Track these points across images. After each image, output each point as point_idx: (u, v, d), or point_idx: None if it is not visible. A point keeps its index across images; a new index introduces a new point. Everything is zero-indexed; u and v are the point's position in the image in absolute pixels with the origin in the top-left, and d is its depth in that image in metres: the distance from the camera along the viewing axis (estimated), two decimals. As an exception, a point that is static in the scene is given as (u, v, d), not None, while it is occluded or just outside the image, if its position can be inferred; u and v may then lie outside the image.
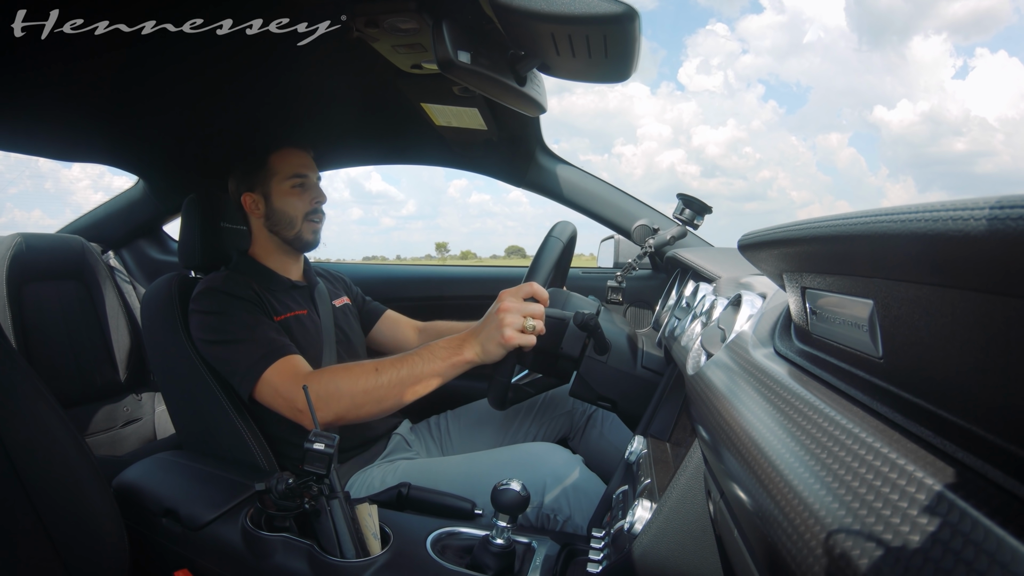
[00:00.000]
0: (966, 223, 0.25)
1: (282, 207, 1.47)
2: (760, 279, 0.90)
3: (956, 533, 0.25)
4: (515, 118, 1.62)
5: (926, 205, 0.29)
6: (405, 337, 1.79)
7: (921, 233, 0.29)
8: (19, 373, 0.96)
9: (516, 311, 1.17)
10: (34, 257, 2.04)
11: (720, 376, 0.66)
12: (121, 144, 1.77)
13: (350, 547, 0.95)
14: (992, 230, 0.24)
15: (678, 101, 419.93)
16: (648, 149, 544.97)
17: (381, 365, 1.23)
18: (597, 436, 1.62)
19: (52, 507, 0.93)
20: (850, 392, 0.43)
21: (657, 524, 0.80)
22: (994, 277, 0.26)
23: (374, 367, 1.22)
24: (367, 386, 1.20)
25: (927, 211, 0.29)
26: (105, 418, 2.15)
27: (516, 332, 1.16)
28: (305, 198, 1.48)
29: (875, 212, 0.34)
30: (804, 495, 0.36)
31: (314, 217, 1.50)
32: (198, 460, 1.30)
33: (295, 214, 1.48)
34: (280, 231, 1.49)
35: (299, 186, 1.48)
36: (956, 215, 0.26)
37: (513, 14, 0.81)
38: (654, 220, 1.97)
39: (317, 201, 1.50)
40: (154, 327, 1.42)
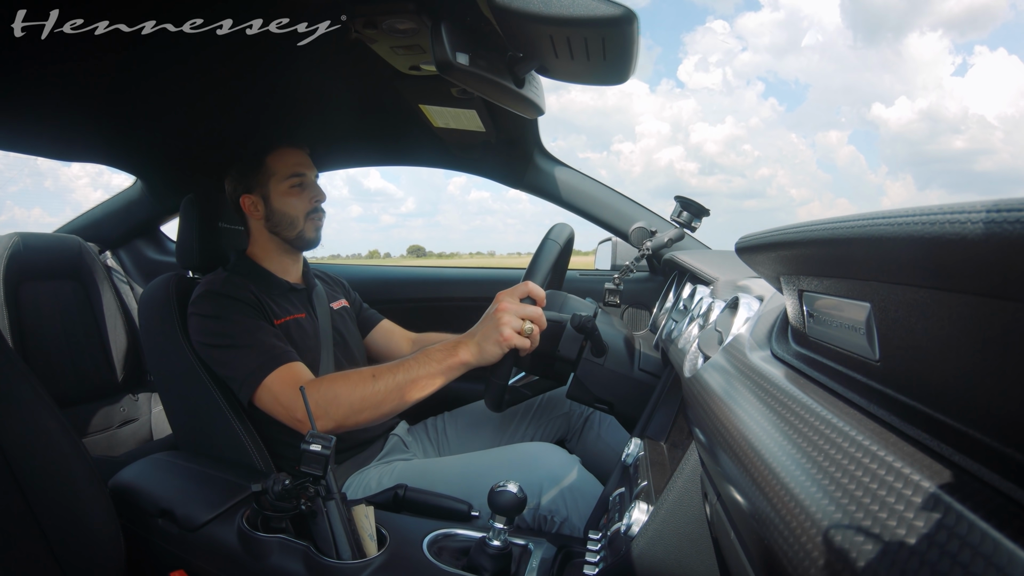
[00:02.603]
0: (963, 226, 0.25)
1: (282, 208, 1.47)
2: (757, 282, 0.90)
3: (952, 536, 0.25)
4: (513, 120, 1.62)
5: (923, 208, 0.29)
6: (398, 347, 1.79)
7: (918, 236, 0.29)
8: (16, 373, 0.96)
9: (514, 312, 1.17)
10: (31, 257, 2.04)
11: (717, 379, 0.66)
12: (119, 144, 1.77)
13: (346, 548, 0.95)
14: (989, 233, 0.24)
15: (677, 98, 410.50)
16: (647, 146, 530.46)
17: (378, 371, 1.23)
18: (594, 438, 1.62)
19: (48, 507, 0.93)
20: (847, 395, 0.43)
21: (654, 526, 0.80)
22: (991, 280, 0.26)
23: (371, 373, 1.22)
24: (365, 392, 1.20)
25: (924, 214, 0.29)
26: (102, 418, 2.14)
27: (514, 332, 1.16)
28: (304, 197, 1.48)
29: (872, 215, 0.34)
30: (800, 498, 0.36)
31: (315, 215, 1.50)
32: (194, 461, 1.29)
33: (296, 214, 1.47)
34: (281, 232, 1.49)
35: (298, 186, 1.47)
36: (953, 218, 0.26)
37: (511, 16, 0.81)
38: (652, 223, 1.97)
39: (317, 199, 1.50)
40: (152, 328, 1.42)
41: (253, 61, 1.18)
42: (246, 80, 1.32)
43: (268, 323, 1.37)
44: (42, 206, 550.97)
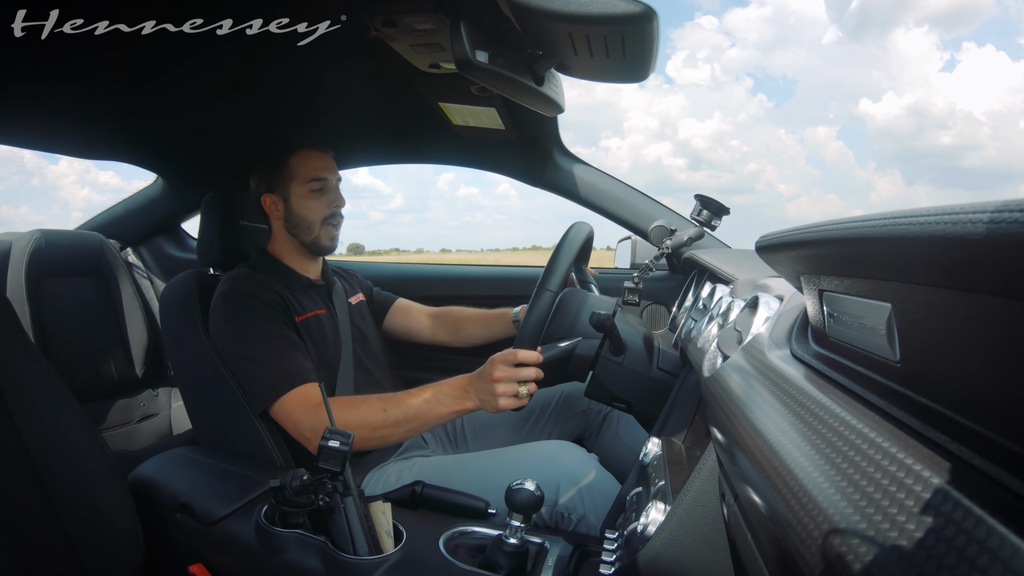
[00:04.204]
0: (985, 226, 0.25)
1: (300, 211, 1.48)
2: (777, 281, 0.89)
3: (972, 541, 0.25)
4: (533, 118, 1.61)
5: (945, 207, 0.29)
6: (417, 325, 1.81)
7: (939, 236, 0.28)
8: (37, 368, 0.98)
9: (508, 379, 1.22)
10: (53, 253, 2.08)
11: (736, 378, 0.65)
12: (140, 142, 1.79)
13: (363, 544, 0.96)
14: (1012, 233, 0.24)
15: (666, 94, 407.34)
16: (635, 142, 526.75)
17: (389, 404, 1.27)
18: (612, 436, 1.62)
19: (67, 501, 0.95)
20: (866, 396, 0.43)
21: (670, 527, 0.79)
22: (1012, 281, 0.25)
23: (382, 406, 1.27)
24: (375, 423, 1.26)
25: (945, 213, 0.28)
26: (121, 413, 2.18)
27: (509, 400, 1.22)
28: (323, 202, 1.49)
29: (893, 214, 0.34)
30: (818, 499, 0.36)
31: (332, 221, 1.51)
32: (213, 456, 1.31)
33: (313, 219, 1.48)
34: (298, 234, 1.50)
35: (318, 190, 1.48)
36: (975, 217, 0.26)
37: (531, 14, 0.81)
38: (671, 221, 1.96)
39: (336, 205, 1.51)
40: (173, 324, 1.44)
41: (272, 59, 1.18)
42: (266, 78, 1.33)
43: (290, 323, 1.39)
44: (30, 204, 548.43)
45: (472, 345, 1.81)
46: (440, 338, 1.82)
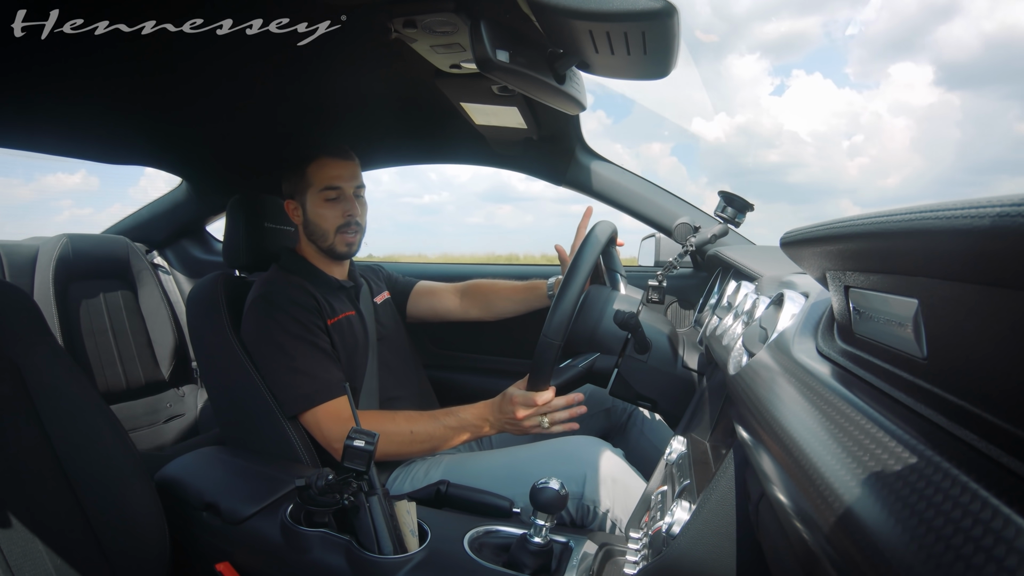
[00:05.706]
0: (1013, 219, 0.24)
1: (315, 219, 1.49)
2: (803, 278, 0.88)
3: (999, 541, 0.25)
4: (554, 116, 1.61)
5: (972, 201, 0.28)
6: (446, 305, 1.81)
7: (966, 229, 0.28)
8: (65, 370, 1.00)
9: (530, 416, 1.31)
10: (80, 257, 2.13)
11: (761, 376, 0.65)
12: (164, 147, 1.82)
13: (388, 543, 0.96)
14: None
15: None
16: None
17: (416, 423, 1.34)
18: (637, 435, 1.61)
19: (95, 500, 0.97)
20: (893, 393, 0.42)
21: (695, 526, 0.78)
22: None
23: (409, 428, 1.34)
24: (401, 439, 1.33)
25: (972, 207, 0.28)
26: (148, 413, 2.23)
27: (534, 428, 1.33)
28: (337, 211, 1.48)
29: (920, 208, 0.33)
30: (845, 498, 0.35)
31: (347, 230, 1.50)
32: (239, 455, 1.32)
33: (327, 227, 1.49)
34: (315, 240, 1.51)
35: (333, 199, 1.48)
36: (1003, 211, 0.25)
37: (551, 12, 0.81)
38: (695, 218, 1.94)
39: (350, 215, 1.49)
40: (200, 326, 1.46)
41: (293, 61, 1.19)
42: (288, 82, 1.34)
43: (323, 327, 1.42)
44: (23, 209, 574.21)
45: (506, 318, 1.83)
46: (472, 315, 1.83)
